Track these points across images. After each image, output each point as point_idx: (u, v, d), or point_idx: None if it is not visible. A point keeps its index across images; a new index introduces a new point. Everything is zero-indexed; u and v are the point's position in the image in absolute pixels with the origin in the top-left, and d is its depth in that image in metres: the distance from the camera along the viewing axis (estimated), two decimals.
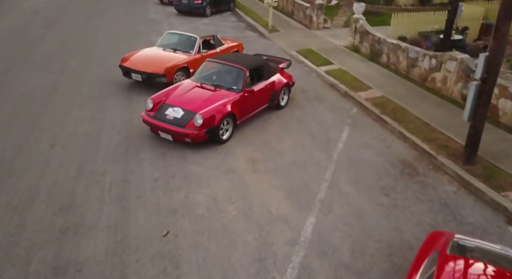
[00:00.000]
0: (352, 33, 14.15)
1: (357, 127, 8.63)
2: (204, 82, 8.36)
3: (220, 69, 8.65)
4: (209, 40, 11.57)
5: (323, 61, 12.80)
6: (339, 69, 12.02)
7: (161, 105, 7.84)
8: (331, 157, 7.38)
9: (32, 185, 6.24)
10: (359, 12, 13.76)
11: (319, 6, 16.94)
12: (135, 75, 10.01)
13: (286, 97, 9.57)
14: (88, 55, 12.84)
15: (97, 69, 11.53)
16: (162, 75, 9.74)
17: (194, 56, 10.57)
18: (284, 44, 15.22)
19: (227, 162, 7.12)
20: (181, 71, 10.18)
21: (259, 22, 18.57)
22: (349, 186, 6.51)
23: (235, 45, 12.23)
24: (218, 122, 7.45)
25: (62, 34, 15.27)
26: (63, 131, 7.96)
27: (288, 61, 10.28)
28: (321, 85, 11.15)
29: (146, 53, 10.63)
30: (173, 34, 11.26)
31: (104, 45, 14.03)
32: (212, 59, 8.78)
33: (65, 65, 11.79)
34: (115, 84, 10.46)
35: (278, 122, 8.79)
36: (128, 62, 10.23)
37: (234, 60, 8.63)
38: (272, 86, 9.04)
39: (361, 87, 10.51)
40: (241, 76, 8.29)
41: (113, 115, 8.72)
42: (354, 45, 14.03)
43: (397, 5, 20.64)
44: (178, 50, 10.66)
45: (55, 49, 13.29)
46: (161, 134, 7.60)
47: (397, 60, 11.71)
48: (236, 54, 9.33)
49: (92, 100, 9.44)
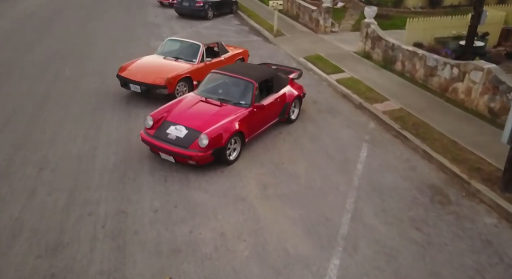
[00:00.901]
0: (362, 38, 13.41)
1: (377, 144, 7.88)
2: (209, 96, 7.61)
3: (227, 81, 7.90)
4: (213, 47, 10.83)
5: (333, 68, 12.06)
6: (351, 77, 11.27)
7: (162, 122, 7.09)
8: (351, 181, 6.63)
9: (15, 218, 5.48)
10: (370, 16, 13.02)
11: (327, 9, 16.21)
12: (134, 86, 9.26)
13: (297, 110, 8.83)
14: (84, 62, 12.09)
15: (93, 78, 10.78)
16: (163, 86, 8.99)
17: (197, 65, 9.82)
18: (291, 49, 14.49)
19: (235, 188, 6.37)
20: (183, 81, 9.43)
21: (263, 26, 17.83)
22: (374, 217, 5.75)
23: (240, 52, 11.48)
24: (225, 142, 6.70)
25: (56, 39, 14.51)
26: (53, 151, 7.21)
27: (299, 71, 9.53)
28: (333, 95, 10.40)
29: (146, 62, 9.87)
30: (175, 41, 10.50)
31: (101, 51, 13.29)
32: (217, 71, 8.03)
33: (59, 73, 11.03)
34: (112, 95, 9.71)
35: (289, 139, 8.04)
36: (127, 71, 9.49)
37: (242, 72, 7.88)
38: (282, 99, 8.29)
39: (376, 98, 9.76)
40: (249, 89, 7.54)
41: (109, 132, 7.97)
42: (365, 51, 13.29)
43: (406, 8, 19.93)
44: (180, 59, 9.91)
45: (48, 55, 12.54)
46: (162, 155, 6.85)
47: (413, 68, 10.97)
48: (243, 65, 8.60)
49: (87, 114, 8.69)
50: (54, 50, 13.20)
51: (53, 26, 16.49)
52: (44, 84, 10.20)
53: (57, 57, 12.49)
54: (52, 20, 17.62)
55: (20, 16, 18.07)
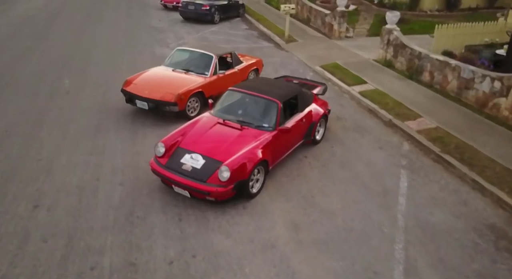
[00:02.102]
0: (383, 46, 12.49)
1: (416, 171, 6.96)
2: (227, 118, 6.69)
3: (247, 101, 6.97)
4: (225, 58, 9.91)
5: (354, 79, 11.14)
6: (376, 89, 10.35)
7: (176, 149, 6.17)
8: (395, 220, 5.71)
9: (2, 276, 4.57)
10: (392, 22, 12.10)
11: (341, 13, 15.29)
12: (140, 102, 8.34)
13: (322, 130, 7.91)
14: (84, 72, 11.17)
15: (94, 91, 9.86)
16: (173, 103, 8.07)
17: (210, 79, 8.91)
18: (305, 56, 13.57)
19: (261, 230, 5.45)
20: (195, 96, 8.52)
21: (273, 30, 16.92)
22: (432, 271, 4.83)
23: (254, 62, 10.56)
24: (248, 174, 5.78)
25: (55, 45, 13.58)
26: (50, 182, 6.29)
27: (323, 86, 8.61)
28: (357, 110, 9.48)
29: (153, 75, 8.95)
30: (184, 51, 9.58)
31: (102, 59, 12.36)
32: (236, 88, 7.10)
33: (57, 86, 10.11)
34: (116, 111, 8.79)
35: (316, 164, 7.12)
36: (132, 86, 8.56)
37: (263, 90, 6.96)
38: (308, 119, 7.38)
39: (407, 115, 8.84)
40: (273, 110, 6.62)
41: (114, 157, 7.05)
42: (386, 59, 12.37)
43: (422, 11, 19.02)
44: (190, 71, 8.98)
45: (46, 64, 11.62)
46: (175, 189, 5.93)
47: (444, 80, 10.05)
48: (263, 81, 7.68)
49: (88, 135, 7.77)
50: (52, 58, 12.28)
51: (51, 31, 15.56)
52: (41, 99, 9.28)
53: (55, 66, 11.57)
54: (50, 24, 16.69)
55: (16, 20, 17.14)
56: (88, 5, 21.35)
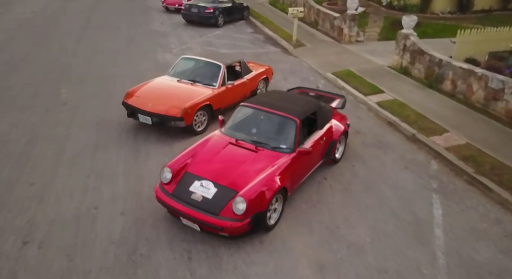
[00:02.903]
0: (399, 51, 11.80)
1: (450, 196, 6.28)
2: (240, 138, 6.01)
3: (262, 118, 6.29)
4: (234, 67, 9.24)
5: (370, 88, 10.46)
6: (394, 100, 9.66)
7: (183, 174, 5.49)
8: (434, 258, 5.03)
9: None
10: (409, 26, 11.42)
11: (352, 17, 14.61)
12: (143, 117, 7.66)
13: (342, 148, 7.23)
14: (83, 82, 10.49)
15: (93, 103, 9.18)
16: (179, 118, 7.40)
17: (218, 90, 8.23)
18: (315, 63, 12.89)
19: (282, 271, 4.77)
20: (202, 110, 7.85)
21: (280, 34, 16.24)
22: None
23: (264, 71, 9.87)
24: (266, 205, 5.11)
25: (51, 53, 12.90)
26: (43, 211, 5.61)
27: (342, 98, 7.92)
28: (376, 123, 8.80)
29: (157, 87, 8.27)
30: (190, 60, 8.89)
31: (102, 67, 11.69)
32: (249, 104, 6.39)
33: (54, 97, 9.43)
34: (116, 126, 8.11)
35: (338, 187, 6.44)
36: (134, 98, 7.89)
37: (280, 105, 6.27)
38: (328, 137, 6.70)
39: (433, 129, 8.16)
40: (291, 129, 5.94)
41: (115, 180, 6.37)
42: (402, 66, 11.69)
43: (433, 13, 18.34)
44: (197, 82, 8.31)
45: (41, 74, 10.93)
46: (183, 221, 5.26)
47: (469, 90, 9.36)
48: (279, 95, 6.98)
49: (86, 154, 7.09)
50: (49, 66, 11.60)
51: (49, 37, 14.89)
52: (36, 112, 8.60)
53: (52, 75, 10.90)
54: (48, 29, 16.02)
55: (12, 24, 16.46)
56: (88, 7, 20.70)
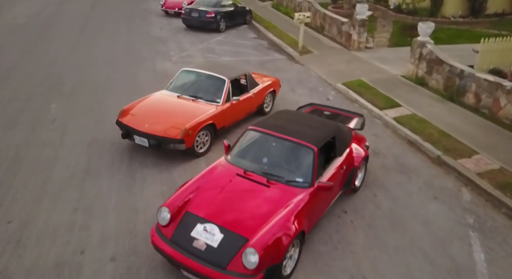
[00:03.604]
0: (414, 60, 11.03)
1: (490, 235, 5.48)
2: (249, 168, 5.22)
3: (274, 145, 5.50)
4: (239, 80, 8.46)
5: (385, 100, 9.68)
6: (413, 115, 8.88)
7: (184, 215, 4.70)
8: None
9: None
10: (426, 34, 10.64)
11: (362, 22, 13.83)
12: (140, 138, 6.88)
13: (362, 174, 6.44)
14: (75, 95, 9.70)
15: (85, 120, 8.40)
16: (179, 140, 6.61)
17: (222, 107, 7.45)
18: (323, 71, 12.11)
19: None
20: (205, 130, 7.07)
21: (284, 40, 15.47)
22: None
23: (271, 83, 9.07)
24: (283, 255, 4.33)
25: (42, 62, 12.11)
26: (18, 259, 4.81)
27: (361, 118, 7.12)
28: (395, 142, 8.01)
29: (154, 104, 7.48)
30: (191, 73, 8.11)
31: (96, 78, 10.90)
32: (258, 128, 5.59)
33: (43, 112, 8.65)
34: (110, 147, 7.33)
35: (360, 223, 5.66)
36: (130, 117, 7.11)
37: (294, 130, 5.47)
38: (348, 165, 5.91)
39: (460, 150, 7.38)
40: (308, 159, 5.15)
41: (105, 216, 5.58)
42: (417, 76, 10.91)
43: (444, 17, 17.55)
44: (199, 98, 7.53)
45: (31, 86, 10.14)
46: (184, 272, 4.47)
47: (495, 104, 8.58)
48: (291, 116, 6.15)
49: (75, 182, 6.31)
50: (40, 77, 10.82)
51: (41, 43, 14.11)
52: (21, 131, 7.82)
53: (42, 87, 10.11)
54: (41, 35, 15.24)
55: (3, 30, 15.69)
56: (84, 11, 19.94)
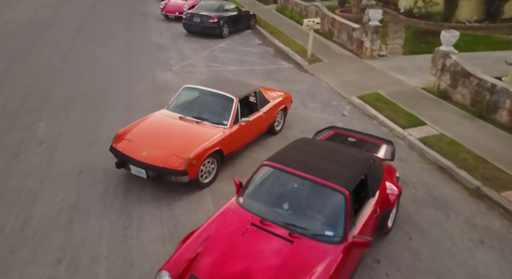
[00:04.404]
0: (436, 71, 10.14)
1: None
2: (268, 217, 4.32)
3: (296, 187, 4.61)
4: (248, 97, 7.59)
5: (407, 117, 8.79)
6: (441, 135, 8.00)
7: (189, 278, 3.83)
8: None
9: None
10: (449, 43, 9.75)
11: (375, 29, 12.95)
12: (136, 168, 5.98)
13: (394, 212, 5.55)
14: (66, 111, 8.80)
15: (76, 141, 7.51)
16: (181, 172, 5.72)
17: (231, 130, 6.56)
18: (335, 82, 11.23)
19: None
20: (211, 157, 6.19)
21: (291, 47, 14.59)
22: None
23: (282, 100, 8.17)
24: None
25: (33, 72, 11.21)
26: None
27: (390, 145, 6.17)
28: (424, 168, 7.12)
29: (153, 127, 6.58)
30: (194, 91, 7.21)
31: (90, 90, 9.99)
32: (275, 164, 4.67)
33: (28, 134, 7.75)
34: (103, 177, 6.43)
35: (397, 277, 4.77)
36: (125, 143, 6.21)
37: (318, 167, 4.54)
38: (382, 206, 5.02)
39: (502, 180, 6.48)
40: (339, 207, 4.24)
41: (94, 271, 4.68)
42: (439, 89, 10.03)
43: (459, 22, 16.68)
44: (203, 120, 6.65)
45: (19, 101, 9.23)
46: None
47: None
48: (313, 147, 5.21)
49: (60, 224, 5.40)
50: (29, 88, 9.92)
51: (33, 51, 13.22)
52: (3, 158, 6.91)
53: (31, 102, 9.22)
54: (33, 41, 14.34)
55: None
56: (80, 15, 19.06)
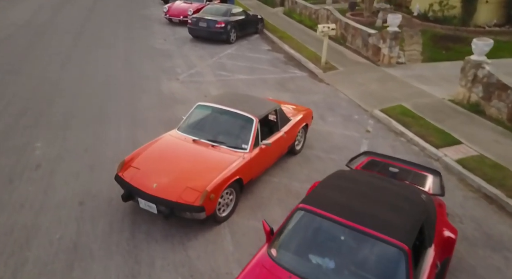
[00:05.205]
0: (466, 83, 9.36)
1: None
2: (309, 276, 3.54)
3: (343, 240, 3.82)
4: (267, 115, 6.80)
5: (439, 135, 8.00)
6: (481, 156, 7.21)
7: None
8: None
9: None
10: (482, 52, 8.97)
11: (394, 35, 12.17)
12: (146, 202, 5.20)
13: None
14: (65, 129, 8.02)
15: (76, 164, 6.73)
16: (198, 207, 4.94)
17: (251, 154, 5.78)
18: (354, 93, 10.45)
19: None
20: (230, 188, 5.41)
21: (303, 53, 13.82)
22: None
23: (303, 117, 7.36)
24: None
25: (29, 84, 10.41)
26: None
27: (437, 176, 5.34)
28: (467, 196, 6.32)
29: (164, 153, 5.78)
30: (208, 109, 6.41)
31: (91, 104, 9.21)
32: (313, 208, 3.87)
33: (23, 156, 6.96)
34: (107, 209, 5.64)
35: None
36: (132, 172, 5.42)
37: (369, 216, 3.77)
38: (441, 256, 4.23)
39: None
40: (399, 267, 3.46)
41: None
42: (469, 101, 9.26)
43: (478, 26, 15.87)
44: (220, 143, 5.86)
45: (13, 117, 8.44)
46: None
47: None
48: (354, 184, 4.38)
49: (57, 269, 4.62)
50: (24, 103, 9.14)
51: (30, 59, 12.43)
52: None
53: (27, 118, 8.43)
54: (30, 48, 13.56)
55: None
56: (80, 19, 18.29)
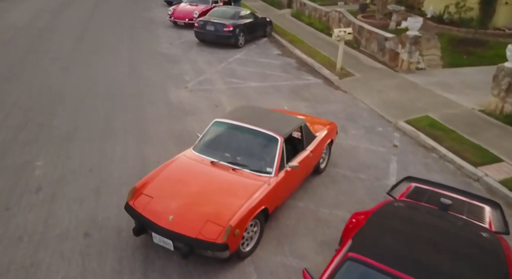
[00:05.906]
0: (499, 92, 8.70)
1: None
2: None
3: None
4: (291, 133, 6.13)
5: (476, 151, 7.34)
6: None
7: None
8: None
9: None
10: None
11: (414, 39, 11.52)
12: (161, 238, 4.55)
13: None
14: (67, 145, 7.36)
15: (81, 188, 6.07)
16: (221, 245, 4.28)
17: (276, 179, 5.12)
18: (374, 102, 9.79)
19: None
20: (255, 219, 4.76)
21: (316, 58, 13.16)
22: None
23: (329, 133, 6.70)
24: None
25: (28, 92, 9.75)
26: None
27: (496, 208, 4.68)
28: None
29: (179, 177, 5.11)
30: (226, 127, 5.75)
31: (94, 116, 8.55)
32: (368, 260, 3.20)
33: (21, 176, 6.30)
34: (116, 241, 4.99)
35: None
36: (144, 201, 4.76)
37: (442, 273, 3.14)
38: None
39: None
40: None
41: None
42: (504, 112, 8.59)
43: (498, 29, 15.20)
44: (241, 166, 5.20)
45: (12, 131, 7.78)
46: None
47: None
48: (410, 226, 3.74)
49: None
50: (23, 117, 8.46)
51: (29, 65, 11.78)
52: None
53: (26, 132, 7.78)
54: (30, 53, 12.92)
55: None
56: (81, 22, 17.65)
